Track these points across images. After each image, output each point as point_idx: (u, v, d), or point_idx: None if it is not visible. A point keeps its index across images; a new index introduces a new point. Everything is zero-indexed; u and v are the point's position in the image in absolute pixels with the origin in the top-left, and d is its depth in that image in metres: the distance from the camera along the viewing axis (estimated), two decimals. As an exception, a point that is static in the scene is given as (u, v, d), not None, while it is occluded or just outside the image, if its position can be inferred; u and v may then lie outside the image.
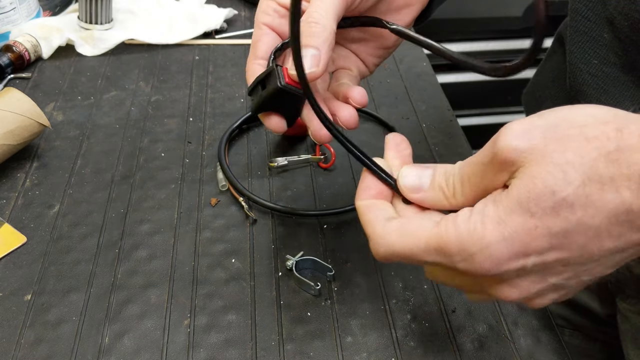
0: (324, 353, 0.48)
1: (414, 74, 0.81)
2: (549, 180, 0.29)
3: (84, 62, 0.83)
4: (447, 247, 0.32)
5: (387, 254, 0.35)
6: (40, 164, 0.66)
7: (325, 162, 0.66)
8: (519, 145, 0.30)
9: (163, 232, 0.58)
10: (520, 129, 0.31)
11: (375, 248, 0.35)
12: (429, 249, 0.33)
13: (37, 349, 0.48)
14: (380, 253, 0.35)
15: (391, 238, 0.34)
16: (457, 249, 0.31)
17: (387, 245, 0.34)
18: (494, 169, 0.32)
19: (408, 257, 0.34)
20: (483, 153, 0.33)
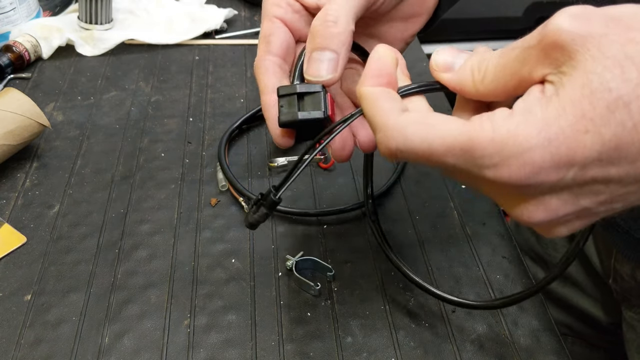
0: (324, 353, 0.48)
1: (414, 74, 0.81)
2: (606, 75, 0.25)
3: (84, 62, 0.83)
4: (477, 147, 0.27)
5: (400, 147, 0.29)
6: (40, 164, 0.66)
7: (325, 162, 0.66)
8: (575, 28, 0.26)
9: (163, 232, 0.58)
10: (579, 11, 0.26)
11: (386, 140, 0.29)
12: (453, 147, 0.27)
13: (37, 349, 0.48)
14: (391, 146, 0.29)
15: (408, 130, 0.29)
16: (490, 150, 0.27)
17: (403, 138, 0.29)
18: (538, 55, 0.27)
19: (424, 155, 0.28)
20: (529, 36, 0.28)
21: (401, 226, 0.59)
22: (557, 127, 0.26)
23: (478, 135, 0.27)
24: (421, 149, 0.28)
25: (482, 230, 0.58)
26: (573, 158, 0.26)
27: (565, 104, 0.26)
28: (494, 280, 0.54)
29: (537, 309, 0.52)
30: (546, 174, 0.26)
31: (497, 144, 0.26)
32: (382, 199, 0.62)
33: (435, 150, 0.28)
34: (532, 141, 0.26)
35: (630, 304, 0.60)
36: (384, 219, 0.60)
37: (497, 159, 0.26)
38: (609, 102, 0.25)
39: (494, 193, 0.30)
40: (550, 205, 0.28)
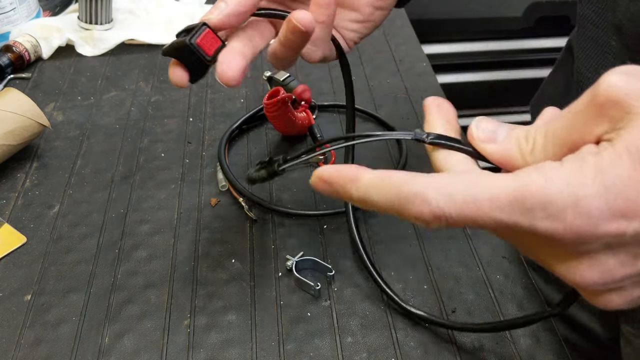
0: (323, 353, 0.48)
1: (414, 74, 0.81)
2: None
3: (84, 62, 0.83)
4: (528, 198, 0.25)
5: (441, 206, 0.26)
6: (40, 164, 0.66)
7: (325, 162, 0.66)
8: (627, 84, 0.24)
9: (163, 232, 0.58)
10: (629, 69, 0.25)
11: (428, 199, 0.27)
12: (501, 200, 0.25)
13: (37, 349, 0.48)
14: (432, 205, 0.26)
15: (454, 186, 0.26)
16: (542, 199, 0.24)
17: (448, 195, 0.26)
18: (590, 117, 0.26)
19: (469, 214, 0.26)
20: (578, 101, 0.27)
21: (401, 226, 0.59)
22: (613, 175, 0.24)
23: (528, 185, 0.25)
24: (466, 206, 0.26)
25: (482, 230, 0.58)
26: (633, 209, 0.24)
27: (622, 151, 0.24)
28: (494, 280, 0.54)
29: (538, 309, 0.52)
30: (604, 226, 0.24)
31: (550, 192, 0.24)
32: (382, 199, 0.62)
33: (481, 208, 0.26)
34: (587, 189, 0.24)
35: (629, 318, 0.59)
36: (384, 219, 0.60)
37: (551, 210, 0.24)
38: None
39: (546, 252, 0.27)
40: (607, 265, 0.26)
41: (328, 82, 0.79)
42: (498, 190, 0.25)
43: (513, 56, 1.41)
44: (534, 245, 0.27)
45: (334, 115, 0.74)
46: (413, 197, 0.27)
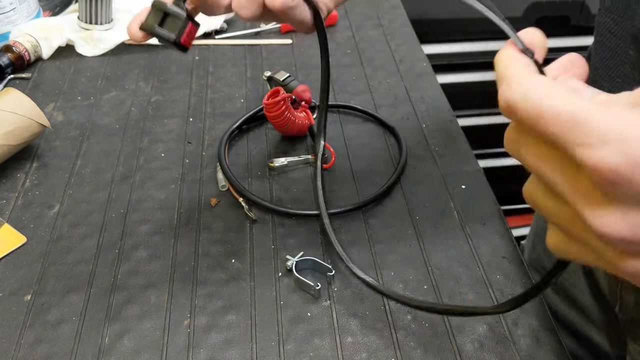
0: (323, 353, 0.48)
1: (414, 74, 0.81)
2: None
3: (84, 62, 0.83)
4: (582, 122, 0.24)
5: (516, 101, 0.27)
6: (40, 164, 0.66)
7: (325, 162, 0.66)
8: None
9: (163, 232, 0.58)
10: None
11: (507, 91, 0.28)
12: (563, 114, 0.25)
13: (37, 349, 0.48)
14: (509, 97, 0.27)
15: (531, 87, 0.26)
16: (592, 128, 0.24)
17: (523, 92, 0.27)
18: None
19: (533, 113, 0.26)
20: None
21: (401, 226, 0.59)
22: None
23: (590, 111, 0.24)
24: (534, 107, 0.26)
25: (482, 230, 0.58)
26: None
27: None
28: (494, 280, 0.54)
29: (538, 309, 0.52)
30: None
31: (603, 124, 0.23)
32: (382, 199, 0.62)
33: (545, 113, 0.25)
34: (638, 132, 0.23)
35: (636, 336, 0.58)
36: (385, 219, 0.60)
37: (595, 139, 0.23)
38: None
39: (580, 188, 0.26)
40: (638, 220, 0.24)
41: (328, 82, 0.79)
42: (565, 106, 0.25)
43: (513, 56, 1.41)
44: (571, 178, 0.26)
45: (334, 115, 0.74)
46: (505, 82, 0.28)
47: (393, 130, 0.70)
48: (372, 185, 0.63)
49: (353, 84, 0.79)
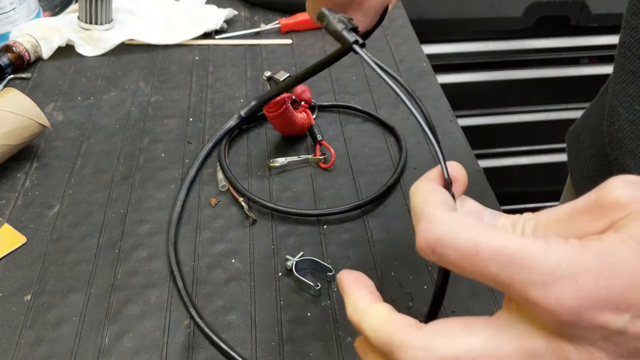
0: (324, 353, 0.48)
1: (414, 74, 0.81)
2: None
3: (84, 62, 0.83)
4: (528, 259, 0.23)
5: (442, 238, 0.25)
6: (40, 164, 0.66)
7: (325, 162, 0.66)
8: (634, 192, 0.24)
9: (163, 232, 0.58)
10: (634, 177, 0.24)
11: (429, 229, 0.26)
12: (501, 253, 0.24)
13: (37, 349, 0.48)
14: (432, 236, 0.26)
15: (456, 223, 0.26)
16: (541, 265, 0.23)
17: (448, 229, 0.25)
18: (591, 215, 0.25)
19: (466, 254, 0.25)
20: (577, 201, 0.26)
21: (401, 226, 0.59)
22: (616, 257, 0.22)
23: (532, 248, 0.23)
24: (466, 246, 0.25)
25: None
26: (634, 295, 0.22)
27: (626, 237, 0.23)
28: (494, 280, 0.54)
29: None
30: (600, 309, 0.22)
31: (550, 261, 0.23)
32: (382, 199, 0.62)
33: (481, 253, 0.24)
34: (588, 264, 0.22)
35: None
36: (385, 219, 0.60)
37: (548, 277, 0.22)
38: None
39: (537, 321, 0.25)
40: (604, 356, 0.23)
41: (328, 82, 0.79)
42: (502, 242, 0.24)
43: (513, 56, 1.41)
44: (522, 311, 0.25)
45: (334, 115, 0.74)
46: (424, 219, 0.27)
47: (393, 130, 0.70)
48: (372, 185, 0.63)
49: (353, 84, 0.79)
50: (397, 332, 0.27)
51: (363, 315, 0.28)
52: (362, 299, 0.29)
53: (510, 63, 1.42)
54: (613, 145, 0.50)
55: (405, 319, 0.27)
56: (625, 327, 0.22)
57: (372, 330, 0.27)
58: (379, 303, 0.28)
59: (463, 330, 0.26)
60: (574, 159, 0.65)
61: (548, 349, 0.24)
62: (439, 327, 0.26)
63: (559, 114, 1.49)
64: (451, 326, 0.26)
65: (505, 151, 1.54)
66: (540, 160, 1.55)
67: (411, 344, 0.26)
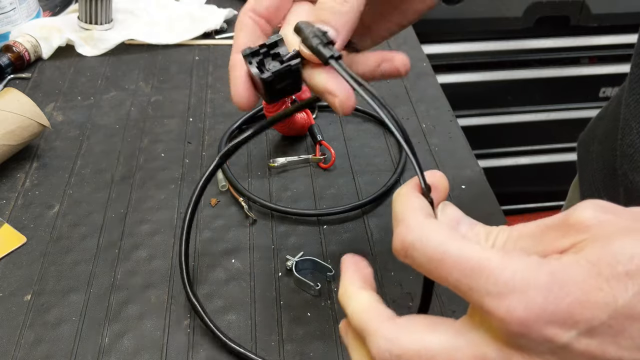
0: (324, 353, 0.48)
1: (414, 74, 0.81)
2: (630, 245, 0.23)
3: (84, 62, 0.83)
4: (486, 270, 0.25)
5: (415, 244, 0.27)
6: (40, 164, 0.66)
7: (325, 162, 0.66)
8: (600, 215, 0.25)
9: (163, 233, 0.58)
10: (607, 203, 0.26)
11: (404, 233, 0.28)
12: (464, 262, 0.26)
13: (37, 349, 0.48)
14: (407, 240, 0.28)
15: (430, 231, 0.27)
16: (496, 277, 0.24)
17: (422, 236, 0.27)
18: (558, 233, 0.26)
19: (434, 259, 0.27)
20: (548, 218, 0.27)
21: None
22: (568, 276, 0.24)
23: (493, 260, 0.25)
24: (434, 253, 0.27)
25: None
26: (581, 313, 0.23)
27: (581, 258, 0.24)
28: (494, 280, 0.54)
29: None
30: (547, 323, 0.23)
31: (507, 273, 0.24)
32: (382, 199, 0.62)
33: (447, 260, 0.26)
34: (540, 280, 0.24)
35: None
36: (385, 219, 0.60)
37: (501, 288, 0.24)
38: (630, 269, 0.23)
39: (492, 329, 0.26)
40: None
41: (328, 82, 0.79)
42: (468, 253, 0.26)
43: (513, 56, 1.41)
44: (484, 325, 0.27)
45: (333, 115, 0.74)
46: (402, 224, 0.28)
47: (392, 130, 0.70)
48: (372, 185, 0.63)
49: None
50: (372, 320, 0.29)
51: (349, 300, 0.30)
52: (352, 285, 0.31)
53: (510, 63, 1.42)
54: (623, 160, 0.49)
55: (382, 310, 0.30)
56: (570, 343, 0.23)
57: (353, 315, 0.30)
58: (365, 291, 0.31)
59: (428, 328, 0.28)
60: (583, 171, 0.64)
61: (499, 356, 0.25)
62: (408, 322, 0.28)
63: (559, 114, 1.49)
64: (419, 323, 0.28)
65: (505, 151, 1.54)
66: (540, 160, 1.55)
67: (380, 334, 0.28)
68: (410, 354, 0.27)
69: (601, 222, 0.25)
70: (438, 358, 0.26)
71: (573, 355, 0.24)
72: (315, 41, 0.35)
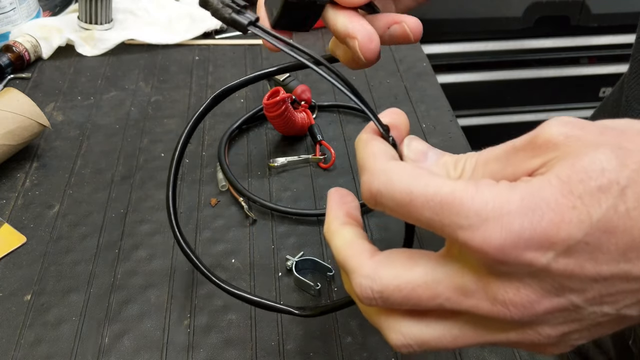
0: (324, 353, 0.48)
1: (414, 74, 0.81)
2: (599, 158, 0.23)
3: (84, 62, 0.83)
4: (456, 204, 0.24)
5: (381, 190, 0.27)
6: (40, 164, 0.66)
7: (325, 162, 0.66)
8: (568, 131, 0.25)
9: (163, 232, 0.58)
10: (572, 119, 0.25)
11: (370, 181, 0.28)
12: (433, 199, 0.25)
13: (37, 349, 0.48)
14: (373, 188, 0.27)
15: (394, 175, 0.27)
16: (468, 209, 0.24)
17: (386, 181, 0.27)
18: (527, 153, 0.26)
19: (403, 202, 0.26)
20: (517, 139, 0.27)
21: (401, 226, 0.59)
22: (540, 198, 0.23)
23: (461, 192, 0.25)
24: (402, 196, 0.26)
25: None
26: (557, 234, 0.23)
27: (552, 178, 0.24)
28: (494, 280, 0.54)
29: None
30: (524, 248, 0.23)
31: (477, 204, 0.24)
32: (382, 199, 0.62)
33: (415, 200, 0.26)
34: (512, 206, 0.23)
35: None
36: (384, 219, 0.60)
37: (474, 220, 0.24)
38: (602, 183, 0.23)
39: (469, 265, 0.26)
40: (530, 292, 0.24)
41: (328, 82, 0.79)
42: (434, 189, 0.25)
43: (513, 56, 1.41)
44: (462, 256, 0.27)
45: (333, 115, 0.74)
46: (366, 172, 0.28)
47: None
48: (372, 185, 0.63)
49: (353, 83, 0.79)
50: (352, 257, 0.29)
51: (332, 236, 0.30)
52: (335, 219, 0.31)
53: (510, 63, 1.42)
54: None
55: (363, 245, 0.30)
56: (549, 264, 0.23)
57: (335, 251, 0.30)
58: (348, 227, 0.30)
59: (408, 263, 0.27)
60: None
61: (478, 286, 0.25)
62: (388, 257, 0.28)
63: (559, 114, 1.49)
64: (398, 258, 0.28)
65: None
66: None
67: (360, 271, 0.28)
68: (390, 289, 0.27)
69: (569, 137, 0.24)
70: (418, 291, 0.26)
71: (553, 275, 0.24)
72: (227, 11, 0.34)
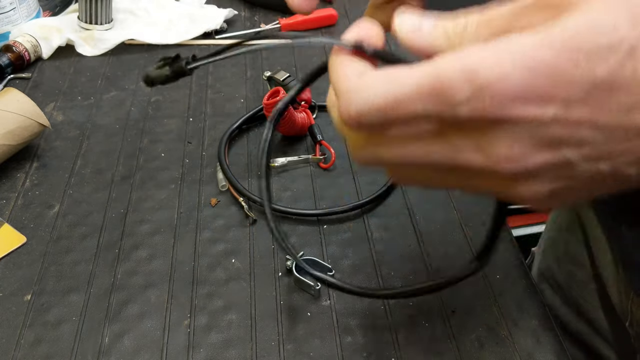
0: (324, 353, 0.48)
1: (414, 74, 0.81)
2: (610, 16, 0.22)
3: (84, 62, 0.83)
4: (446, 82, 0.23)
5: (360, 110, 0.25)
6: (40, 164, 0.66)
7: (325, 162, 0.66)
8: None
9: (163, 232, 0.58)
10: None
11: (346, 106, 0.26)
12: (420, 90, 0.24)
13: (37, 349, 0.48)
14: (351, 111, 0.26)
15: (369, 89, 0.25)
16: (460, 82, 0.23)
17: (362, 99, 0.25)
18: (535, 10, 0.24)
19: (390, 109, 0.25)
20: None
21: (401, 226, 0.59)
22: (540, 55, 0.22)
23: (445, 69, 0.23)
24: (385, 103, 0.24)
25: (482, 230, 0.58)
26: (555, 90, 0.22)
27: (555, 34, 0.22)
28: (494, 280, 0.54)
29: (537, 309, 0.52)
30: (522, 106, 0.23)
31: (468, 73, 0.23)
32: (382, 199, 0.62)
33: (401, 101, 0.24)
34: (507, 68, 0.22)
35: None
36: (385, 219, 0.60)
37: (470, 91, 0.23)
38: (610, 41, 0.21)
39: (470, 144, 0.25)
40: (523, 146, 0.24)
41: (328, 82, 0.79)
42: (415, 81, 0.24)
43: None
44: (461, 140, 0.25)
45: (334, 115, 0.74)
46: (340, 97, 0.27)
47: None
48: (372, 185, 0.63)
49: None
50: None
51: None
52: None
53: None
54: None
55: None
56: (555, 116, 0.23)
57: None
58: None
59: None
60: None
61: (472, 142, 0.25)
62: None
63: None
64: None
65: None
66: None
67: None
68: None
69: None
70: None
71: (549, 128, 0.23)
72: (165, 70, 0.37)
